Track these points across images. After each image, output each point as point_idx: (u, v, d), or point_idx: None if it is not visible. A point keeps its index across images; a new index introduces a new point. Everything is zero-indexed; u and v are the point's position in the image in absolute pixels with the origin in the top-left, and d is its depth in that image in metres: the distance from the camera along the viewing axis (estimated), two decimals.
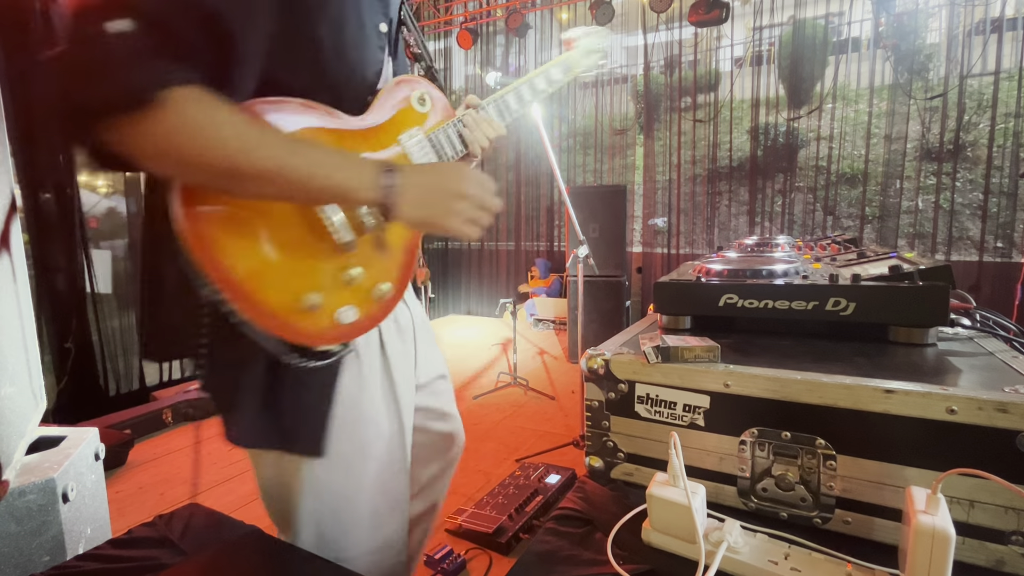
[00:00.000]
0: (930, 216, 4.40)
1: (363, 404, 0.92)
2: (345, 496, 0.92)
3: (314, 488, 0.90)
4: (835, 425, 0.80)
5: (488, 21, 5.67)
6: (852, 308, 1.06)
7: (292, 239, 0.78)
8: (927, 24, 5.40)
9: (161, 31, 0.63)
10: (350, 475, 0.92)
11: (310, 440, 0.85)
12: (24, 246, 1.48)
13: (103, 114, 0.62)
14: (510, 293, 5.91)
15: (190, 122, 0.64)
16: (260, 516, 0.97)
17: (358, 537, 0.94)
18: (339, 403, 0.87)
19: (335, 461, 0.89)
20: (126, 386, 3.54)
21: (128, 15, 0.61)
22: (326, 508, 0.91)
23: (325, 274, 0.80)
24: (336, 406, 0.87)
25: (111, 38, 0.61)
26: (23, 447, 1.31)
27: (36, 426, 1.44)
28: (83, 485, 1.36)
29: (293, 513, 0.91)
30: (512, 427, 2.83)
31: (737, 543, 0.76)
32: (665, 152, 5.27)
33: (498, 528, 1.72)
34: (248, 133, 0.68)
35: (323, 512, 0.91)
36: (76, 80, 0.61)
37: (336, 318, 0.80)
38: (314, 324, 0.78)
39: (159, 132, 0.63)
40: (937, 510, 0.64)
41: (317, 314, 0.78)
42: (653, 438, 0.96)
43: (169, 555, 0.98)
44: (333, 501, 0.91)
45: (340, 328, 0.80)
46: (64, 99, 0.63)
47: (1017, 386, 0.75)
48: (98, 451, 1.49)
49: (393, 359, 0.97)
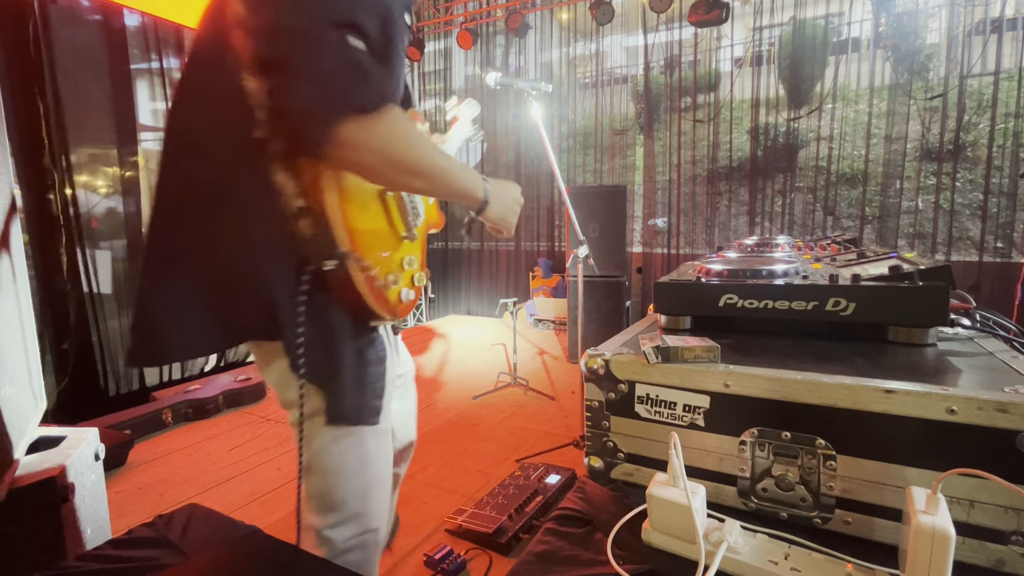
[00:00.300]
0: (930, 216, 4.40)
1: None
2: (382, 464, 1.02)
3: (364, 455, 0.97)
4: (835, 425, 0.81)
5: (488, 21, 5.67)
6: (852, 308, 1.06)
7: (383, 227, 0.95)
8: (927, 24, 5.40)
9: (383, 56, 0.79)
10: (383, 446, 1.02)
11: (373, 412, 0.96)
12: (24, 246, 1.48)
13: (341, 115, 0.74)
14: (510, 293, 5.91)
15: (401, 130, 0.79)
16: (260, 516, 0.97)
17: (381, 506, 1.03)
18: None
19: (379, 431, 0.99)
20: (126, 386, 3.54)
21: (362, 39, 0.75)
22: (370, 476, 0.99)
23: (397, 259, 0.98)
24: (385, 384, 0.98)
25: (355, 52, 0.74)
26: (23, 447, 1.32)
27: (36, 426, 1.44)
28: (83, 485, 1.36)
29: (341, 483, 0.97)
30: (512, 427, 2.83)
31: (737, 543, 0.76)
32: (665, 152, 5.27)
33: (498, 528, 1.72)
34: (425, 140, 0.85)
35: (368, 480, 0.99)
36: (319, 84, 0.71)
37: (400, 296, 0.97)
38: (392, 296, 0.94)
39: (381, 137, 0.77)
40: (937, 510, 0.64)
41: (394, 290, 0.95)
42: (653, 438, 0.96)
43: (169, 555, 0.98)
44: (374, 470, 1.00)
45: (401, 305, 0.97)
46: (305, 101, 0.72)
47: (1017, 386, 0.75)
48: (98, 451, 1.48)
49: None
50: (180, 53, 3.87)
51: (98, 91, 3.42)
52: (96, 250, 3.39)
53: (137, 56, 3.63)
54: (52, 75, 3.08)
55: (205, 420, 3.05)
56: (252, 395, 3.31)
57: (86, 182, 3.40)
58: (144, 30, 3.68)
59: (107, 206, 3.51)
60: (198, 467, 2.47)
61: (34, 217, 3.04)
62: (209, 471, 2.42)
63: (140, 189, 3.64)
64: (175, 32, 3.81)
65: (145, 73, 3.78)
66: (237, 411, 3.18)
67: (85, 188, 3.35)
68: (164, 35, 3.76)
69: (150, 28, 3.69)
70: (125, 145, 3.55)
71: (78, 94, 3.25)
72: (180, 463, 2.52)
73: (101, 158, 3.47)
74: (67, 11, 3.23)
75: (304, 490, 0.99)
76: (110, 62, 3.46)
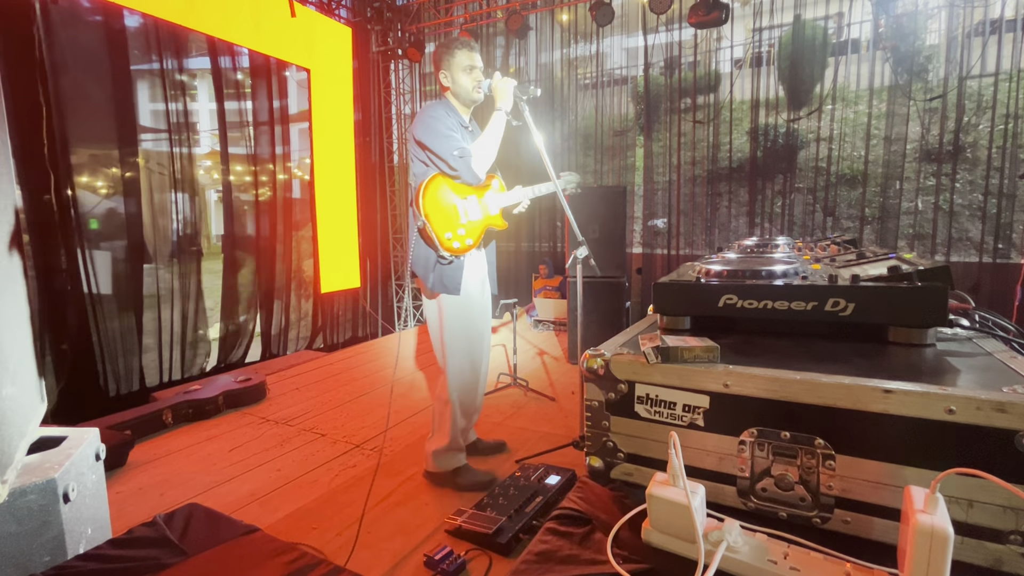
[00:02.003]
0: (929, 217, 4.41)
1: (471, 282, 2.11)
2: (470, 318, 2.13)
3: (453, 310, 2.10)
4: (834, 425, 0.81)
5: (488, 22, 5.67)
6: (851, 309, 1.07)
7: (452, 217, 2.03)
8: (926, 25, 5.41)
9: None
10: (470, 307, 2.12)
11: (456, 287, 2.05)
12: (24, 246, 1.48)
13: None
14: (511, 295, 5.91)
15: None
16: (260, 516, 0.97)
17: (480, 347, 2.21)
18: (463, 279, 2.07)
19: (463, 299, 2.08)
20: (126, 387, 3.54)
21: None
22: (457, 320, 2.11)
23: (456, 228, 2.04)
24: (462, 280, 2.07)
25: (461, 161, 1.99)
26: (24, 447, 1.32)
27: (37, 426, 1.44)
28: (84, 485, 1.36)
29: (443, 326, 2.12)
30: (512, 428, 2.83)
31: (736, 543, 0.76)
32: (665, 153, 5.28)
33: (498, 529, 1.72)
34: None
35: (456, 321, 2.11)
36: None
37: (455, 246, 2.02)
38: (451, 245, 2.01)
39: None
40: (936, 510, 0.64)
41: (452, 240, 2.01)
42: (653, 438, 0.96)
43: (169, 555, 0.98)
44: (465, 322, 2.13)
45: (456, 250, 2.02)
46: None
47: (1015, 386, 0.75)
48: (99, 451, 1.49)
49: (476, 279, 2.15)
50: (180, 54, 3.88)
51: (98, 92, 3.42)
52: (96, 250, 3.40)
53: (137, 57, 3.63)
54: (53, 76, 3.08)
55: (205, 421, 3.05)
56: (252, 396, 3.32)
57: (86, 183, 3.40)
58: (144, 31, 3.68)
59: (107, 207, 3.52)
60: (198, 467, 2.47)
61: (34, 217, 3.05)
62: (209, 471, 2.42)
63: (140, 189, 3.64)
64: (175, 33, 3.82)
65: (145, 74, 3.79)
66: (237, 412, 3.19)
67: (85, 189, 3.36)
68: (164, 36, 3.76)
69: (150, 29, 3.70)
70: (125, 146, 3.55)
71: (78, 95, 3.26)
72: (180, 463, 2.52)
73: (101, 158, 3.48)
74: (68, 12, 3.24)
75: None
76: (110, 63, 3.47)
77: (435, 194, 2.02)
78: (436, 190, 2.03)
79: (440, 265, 2.03)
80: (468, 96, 2.10)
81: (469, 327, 2.15)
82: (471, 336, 2.17)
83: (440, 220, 2.00)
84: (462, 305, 2.10)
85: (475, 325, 2.17)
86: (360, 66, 5.71)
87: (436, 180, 2.03)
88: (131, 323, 3.58)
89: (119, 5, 3.40)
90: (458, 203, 2.06)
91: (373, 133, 5.95)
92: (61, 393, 3.15)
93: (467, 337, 2.15)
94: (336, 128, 5.38)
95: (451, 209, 2.04)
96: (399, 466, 2.39)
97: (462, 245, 2.04)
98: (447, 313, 2.10)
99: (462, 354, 2.15)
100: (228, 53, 4.31)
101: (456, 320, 2.12)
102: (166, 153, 3.83)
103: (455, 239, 2.02)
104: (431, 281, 2.06)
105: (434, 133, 1.97)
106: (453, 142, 1.97)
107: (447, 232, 2.01)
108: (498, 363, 4.13)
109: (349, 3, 5.63)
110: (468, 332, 2.15)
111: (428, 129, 1.98)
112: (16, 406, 1.28)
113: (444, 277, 2.05)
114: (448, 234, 2.01)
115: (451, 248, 2.00)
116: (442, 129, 1.98)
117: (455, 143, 1.98)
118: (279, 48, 4.62)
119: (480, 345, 2.22)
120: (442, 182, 2.04)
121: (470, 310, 2.14)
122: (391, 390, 2.88)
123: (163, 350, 3.84)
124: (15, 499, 1.17)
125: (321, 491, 2.18)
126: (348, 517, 1.98)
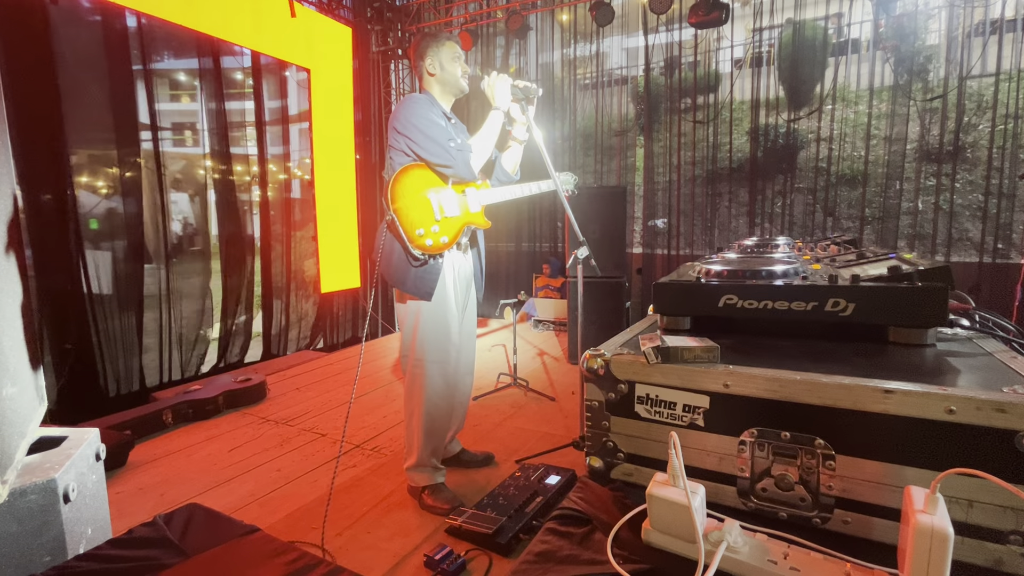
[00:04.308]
0: (930, 217, 4.41)
1: (450, 288, 1.97)
2: (445, 329, 1.96)
3: (426, 317, 1.93)
4: (834, 425, 0.81)
5: (488, 23, 5.67)
6: (851, 309, 1.07)
7: (424, 212, 1.88)
8: (927, 25, 5.41)
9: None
10: (446, 316, 1.95)
11: (428, 292, 1.90)
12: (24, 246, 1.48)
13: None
14: (511, 295, 5.91)
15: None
16: (260, 516, 0.97)
17: (458, 362, 2.07)
18: (442, 284, 1.93)
19: (438, 306, 1.93)
20: (126, 387, 3.54)
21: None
22: (430, 329, 1.94)
23: (429, 225, 1.88)
24: (439, 285, 1.92)
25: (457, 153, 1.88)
26: (24, 447, 1.32)
27: (37, 426, 1.44)
28: (84, 485, 1.36)
29: (415, 335, 1.95)
30: (512, 428, 2.83)
31: (737, 543, 0.76)
32: (665, 153, 5.28)
33: (498, 529, 1.72)
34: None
35: (429, 330, 1.94)
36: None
37: (427, 243, 1.86)
38: (423, 242, 1.86)
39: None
40: (936, 510, 0.64)
41: (424, 238, 1.86)
42: (653, 438, 0.96)
43: (169, 555, 0.98)
44: (440, 334, 1.96)
45: (428, 248, 1.86)
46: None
47: (1016, 386, 0.75)
48: (99, 451, 1.49)
49: (458, 284, 2.04)
50: (180, 54, 3.88)
51: (99, 92, 3.42)
52: (96, 250, 3.39)
53: (138, 57, 3.63)
54: (53, 76, 3.08)
55: (205, 421, 3.05)
56: (252, 396, 3.32)
57: (86, 183, 3.40)
58: (145, 31, 3.68)
59: (107, 207, 3.51)
60: (198, 467, 2.47)
61: (34, 217, 3.05)
62: (209, 471, 2.42)
63: (140, 189, 3.64)
64: (176, 33, 3.82)
65: (146, 74, 3.79)
66: (237, 412, 3.18)
67: (85, 189, 3.35)
68: (164, 36, 3.76)
69: (151, 29, 3.70)
70: (125, 145, 3.55)
71: (79, 95, 3.26)
72: (180, 463, 2.52)
73: (101, 158, 3.48)
74: (68, 12, 3.24)
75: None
76: (111, 63, 3.46)
77: (409, 185, 1.87)
78: (411, 181, 1.87)
79: (413, 267, 1.87)
80: (456, 84, 2.01)
81: (444, 339, 1.95)
82: (446, 349, 1.96)
83: (412, 214, 1.84)
84: (438, 313, 1.92)
85: (451, 338, 1.98)
86: (360, 66, 5.71)
87: (411, 170, 1.87)
88: (131, 323, 3.58)
89: (119, 5, 3.40)
90: (432, 197, 1.89)
91: (373, 133, 5.95)
92: (61, 393, 3.15)
93: (441, 350, 1.95)
94: (336, 128, 5.38)
95: (424, 203, 1.87)
96: (399, 466, 2.39)
97: (435, 243, 1.86)
98: (420, 320, 1.92)
99: (435, 368, 1.96)
100: (229, 53, 4.31)
101: (430, 331, 1.93)
102: (167, 153, 3.83)
103: (427, 236, 1.85)
104: (399, 282, 1.90)
105: (427, 122, 1.85)
106: (446, 132, 1.88)
107: (419, 228, 1.84)
108: (498, 363, 4.12)
109: (349, 3, 5.63)
110: (443, 345, 1.95)
111: (419, 118, 1.86)
112: (16, 406, 1.28)
113: (417, 279, 1.88)
114: (420, 230, 1.84)
115: (423, 246, 1.84)
116: (433, 118, 1.88)
117: (449, 133, 1.89)
118: (279, 48, 4.62)
119: (457, 359, 2.05)
120: (419, 173, 1.88)
121: (446, 319, 1.94)
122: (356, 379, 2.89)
123: (163, 350, 3.84)
124: (15, 499, 1.17)
125: (321, 491, 2.18)
126: (348, 517, 1.98)
